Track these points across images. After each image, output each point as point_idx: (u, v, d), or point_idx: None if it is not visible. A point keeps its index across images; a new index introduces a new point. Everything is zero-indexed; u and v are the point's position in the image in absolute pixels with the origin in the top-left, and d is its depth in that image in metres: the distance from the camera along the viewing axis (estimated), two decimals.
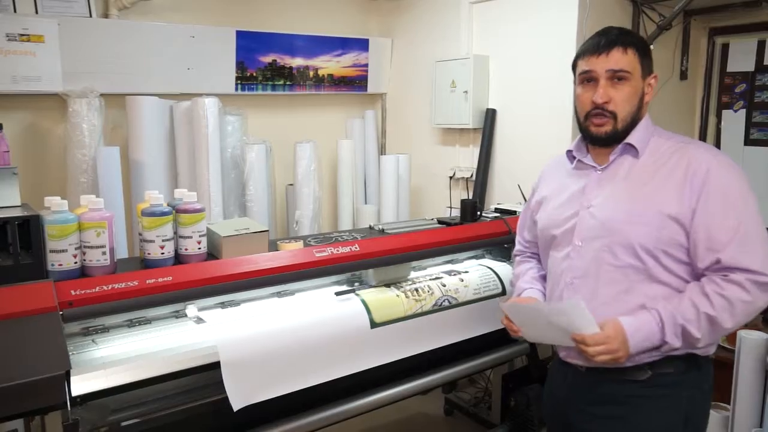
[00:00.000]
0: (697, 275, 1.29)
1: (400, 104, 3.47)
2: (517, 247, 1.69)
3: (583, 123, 1.39)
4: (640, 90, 1.35)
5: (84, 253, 1.45)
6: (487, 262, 2.15)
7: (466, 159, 3.05)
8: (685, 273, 1.30)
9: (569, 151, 1.48)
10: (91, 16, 2.52)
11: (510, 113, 2.82)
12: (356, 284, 1.86)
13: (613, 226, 1.32)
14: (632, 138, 1.35)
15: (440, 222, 2.20)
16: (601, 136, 1.36)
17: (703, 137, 3.13)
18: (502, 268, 2.07)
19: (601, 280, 1.33)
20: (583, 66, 1.37)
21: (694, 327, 1.23)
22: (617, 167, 1.38)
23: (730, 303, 1.22)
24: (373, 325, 1.69)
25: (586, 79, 1.37)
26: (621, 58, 1.32)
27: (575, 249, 1.38)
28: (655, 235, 1.27)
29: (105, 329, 1.47)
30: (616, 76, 1.33)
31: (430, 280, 1.91)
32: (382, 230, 2.03)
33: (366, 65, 3.37)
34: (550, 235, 1.47)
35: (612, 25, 1.42)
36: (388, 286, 1.83)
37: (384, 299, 1.75)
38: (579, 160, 1.44)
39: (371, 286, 1.82)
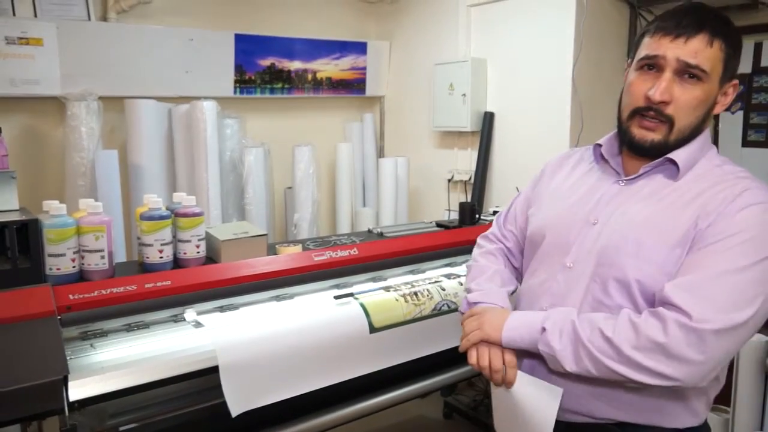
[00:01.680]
0: None
1: (399, 107, 3.47)
2: (493, 230, 1.42)
3: (626, 122, 1.10)
4: (712, 97, 1.06)
5: (82, 257, 1.45)
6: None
7: (465, 162, 3.05)
8: None
9: (598, 146, 1.21)
10: (89, 19, 2.52)
11: (508, 116, 2.83)
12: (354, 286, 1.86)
13: (613, 255, 1.06)
14: (677, 154, 1.07)
15: (439, 225, 2.20)
16: (644, 144, 1.08)
17: None
18: None
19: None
20: (648, 47, 1.06)
21: (586, 338, 1.00)
22: (645, 183, 1.11)
23: (636, 334, 0.96)
24: (373, 329, 1.68)
25: (647, 65, 1.06)
26: (702, 51, 1.01)
27: (563, 270, 1.14)
28: (660, 278, 1.01)
29: (103, 333, 1.46)
30: (688, 72, 1.03)
31: (430, 284, 1.91)
32: (381, 233, 2.03)
33: (364, 68, 3.37)
34: (539, 240, 1.23)
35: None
36: (387, 290, 1.82)
37: (383, 303, 1.75)
38: (605, 160, 1.18)
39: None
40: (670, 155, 1.08)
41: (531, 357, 1.14)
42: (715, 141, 3.09)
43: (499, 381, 1.13)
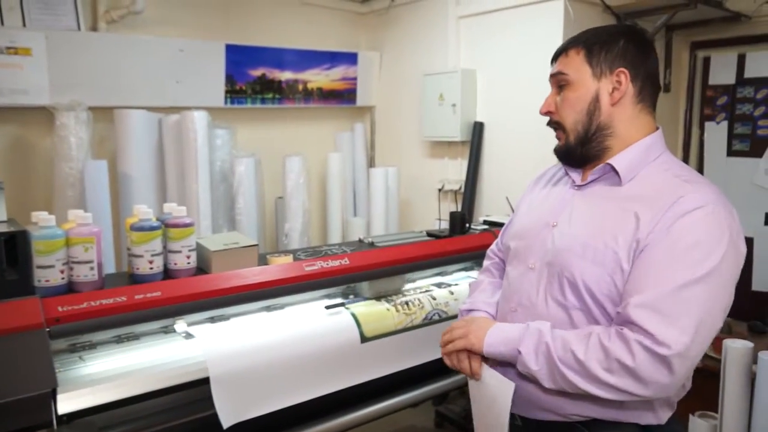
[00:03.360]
0: None
1: (389, 117, 3.49)
2: (493, 246, 1.53)
3: None
4: (589, 93, 1.15)
5: (71, 269, 1.44)
6: (477, 274, 2.15)
7: (455, 171, 3.07)
8: None
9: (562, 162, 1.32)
10: (79, 29, 2.52)
11: (498, 126, 2.85)
12: (350, 296, 1.86)
13: (565, 257, 1.13)
14: (617, 160, 1.14)
15: (429, 234, 2.21)
16: (556, 151, 1.24)
17: (686, 149, 3.18)
18: None
19: (543, 317, 1.15)
20: None
21: (558, 360, 1.04)
22: (594, 189, 1.18)
23: (607, 357, 1.01)
24: (364, 339, 1.68)
25: None
26: (561, 62, 1.19)
27: (527, 271, 1.21)
28: (605, 279, 1.07)
29: (93, 346, 1.45)
30: (559, 83, 1.20)
31: (420, 293, 1.91)
32: (372, 243, 2.04)
33: (355, 79, 3.39)
34: (507, 248, 1.33)
35: None
36: (378, 299, 1.83)
37: (374, 313, 1.75)
38: (567, 173, 1.28)
39: (365, 299, 1.82)
40: (610, 161, 1.15)
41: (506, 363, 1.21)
42: (701, 151, 3.14)
43: (468, 372, 1.23)
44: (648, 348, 0.97)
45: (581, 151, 1.18)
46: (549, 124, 1.24)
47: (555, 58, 1.23)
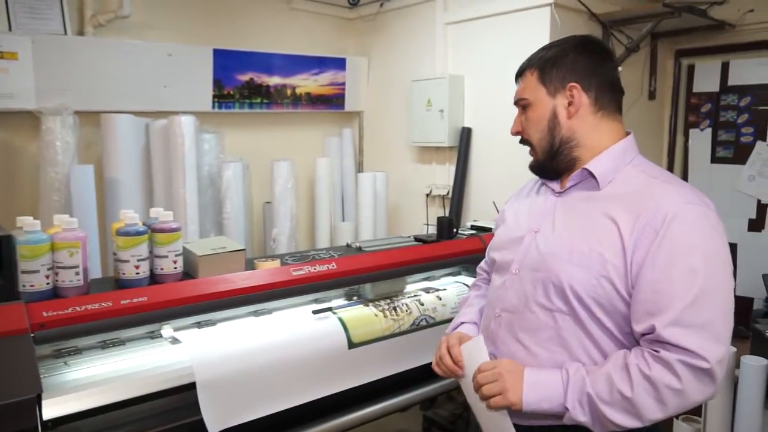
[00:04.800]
0: (636, 340, 1.09)
1: (377, 122, 3.50)
2: (481, 264, 1.56)
3: None
4: (547, 111, 1.21)
5: (56, 274, 1.43)
6: (464, 279, 2.16)
7: (443, 177, 3.08)
8: (623, 335, 1.10)
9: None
10: (66, 33, 2.51)
11: (485, 132, 2.87)
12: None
13: (551, 261, 1.14)
14: (593, 164, 1.17)
15: (417, 239, 2.21)
16: (530, 167, 1.29)
17: (671, 155, 3.22)
18: None
19: (528, 321, 1.17)
20: None
21: (605, 404, 1.03)
22: (575, 194, 1.21)
23: (654, 387, 1.00)
24: (351, 345, 1.68)
25: None
26: (520, 87, 1.27)
27: (511, 277, 1.23)
28: (592, 282, 1.08)
29: (78, 351, 1.44)
30: (521, 105, 1.27)
31: (408, 298, 1.92)
32: (360, 248, 2.04)
33: (343, 84, 3.40)
34: (491, 258, 1.36)
35: None
36: (366, 304, 1.83)
37: (362, 318, 1.75)
38: (543, 183, 1.30)
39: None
40: (587, 166, 1.18)
41: None
42: (685, 158, 3.18)
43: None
44: (690, 365, 0.99)
45: (552, 165, 1.23)
46: (521, 142, 1.30)
47: (517, 78, 1.29)
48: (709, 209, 1.08)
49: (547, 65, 1.21)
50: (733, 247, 2.46)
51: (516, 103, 1.28)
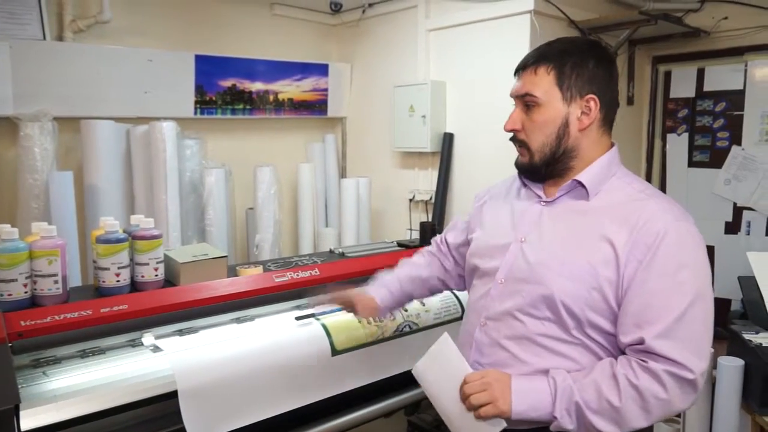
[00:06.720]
0: (621, 349, 1.11)
1: (360, 128, 3.51)
2: (436, 239, 1.56)
3: None
4: (559, 118, 1.15)
5: (35, 282, 1.42)
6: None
7: (425, 182, 3.10)
8: (612, 345, 1.12)
9: (521, 175, 1.31)
10: (45, 38, 2.48)
11: (467, 137, 2.89)
12: None
13: (541, 272, 1.13)
14: (583, 176, 1.16)
15: (400, 245, 2.22)
16: (519, 167, 1.24)
17: (650, 160, 3.27)
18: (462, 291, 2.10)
19: (513, 329, 1.16)
20: None
21: (592, 413, 1.05)
22: (563, 204, 1.19)
23: (641, 397, 1.03)
24: (335, 352, 1.68)
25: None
26: (529, 80, 1.17)
27: (496, 286, 1.21)
28: (583, 295, 1.09)
29: (57, 360, 1.42)
30: (525, 101, 1.18)
31: None
32: (343, 254, 2.04)
33: (326, 90, 3.40)
34: (473, 264, 1.31)
35: None
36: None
37: (345, 324, 1.75)
38: (528, 187, 1.27)
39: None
40: (577, 177, 1.17)
41: None
42: (663, 162, 3.23)
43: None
44: (675, 375, 1.03)
45: (545, 171, 1.20)
46: (512, 140, 1.24)
47: (521, 70, 1.20)
48: (692, 225, 1.11)
49: (567, 67, 1.15)
50: (710, 250, 2.50)
51: (518, 97, 1.19)
